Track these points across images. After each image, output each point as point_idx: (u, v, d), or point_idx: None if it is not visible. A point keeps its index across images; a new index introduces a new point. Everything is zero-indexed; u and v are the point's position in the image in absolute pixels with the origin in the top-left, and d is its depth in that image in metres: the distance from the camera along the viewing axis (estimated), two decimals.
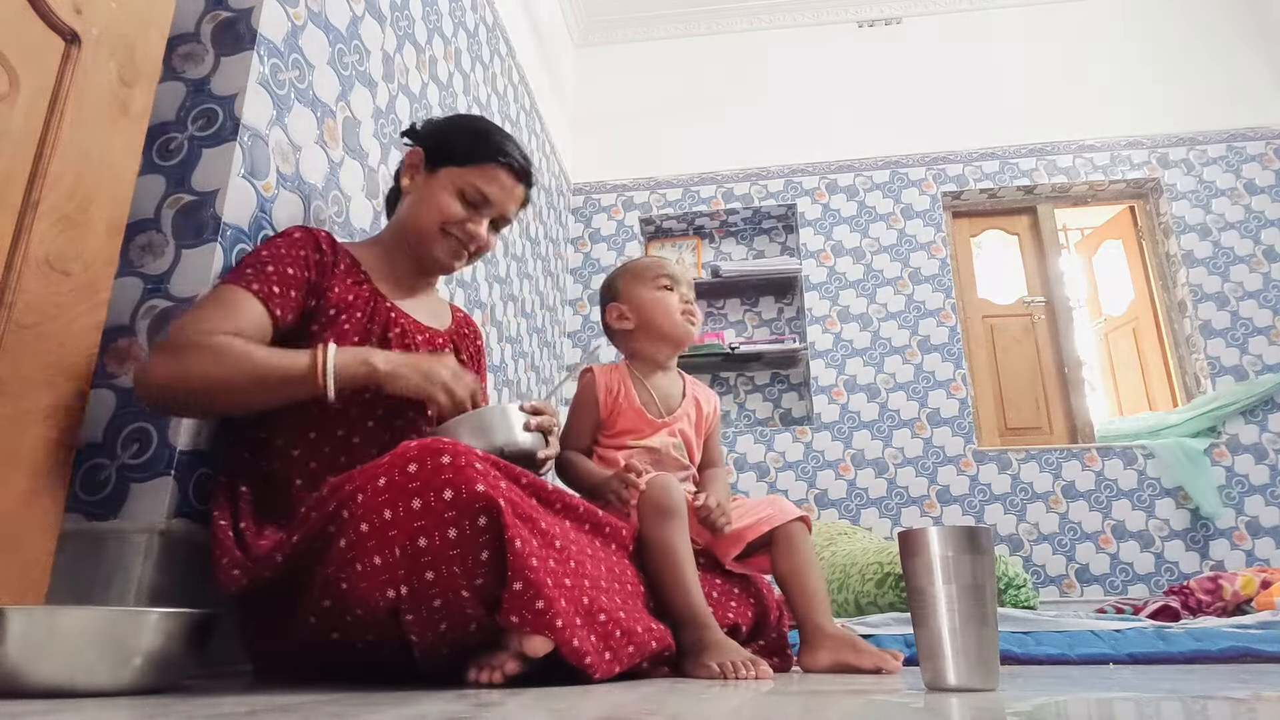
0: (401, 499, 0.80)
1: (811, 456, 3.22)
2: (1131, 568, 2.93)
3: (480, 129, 1.25)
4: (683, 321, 1.44)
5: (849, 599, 2.09)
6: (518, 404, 1.10)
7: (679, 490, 1.19)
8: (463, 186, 1.19)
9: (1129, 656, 1.37)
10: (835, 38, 3.86)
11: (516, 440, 1.07)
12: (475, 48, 2.40)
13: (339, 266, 1.16)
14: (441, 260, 1.24)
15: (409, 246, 1.25)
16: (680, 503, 1.17)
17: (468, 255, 1.25)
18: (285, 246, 1.11)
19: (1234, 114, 3.44)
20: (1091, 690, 0.84)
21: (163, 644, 0.72)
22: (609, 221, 3.66)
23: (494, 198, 1.20)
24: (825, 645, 1.16)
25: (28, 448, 0.90)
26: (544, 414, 1.11)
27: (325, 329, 1.11)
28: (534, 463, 1.09)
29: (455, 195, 1.20)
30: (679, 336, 1.45)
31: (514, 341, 2.67)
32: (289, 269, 1.09)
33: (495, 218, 1.24)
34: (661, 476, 1.21)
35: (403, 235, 1.25)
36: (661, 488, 1.17)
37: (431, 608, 0.81)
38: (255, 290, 1.04)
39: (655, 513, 1.14)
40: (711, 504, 1.27)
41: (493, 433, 1.05)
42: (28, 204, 0.91)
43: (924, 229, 3.47)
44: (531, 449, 1.08)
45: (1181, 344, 3.34)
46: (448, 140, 1.23)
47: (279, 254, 1.09)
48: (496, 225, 1.26)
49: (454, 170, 1.20)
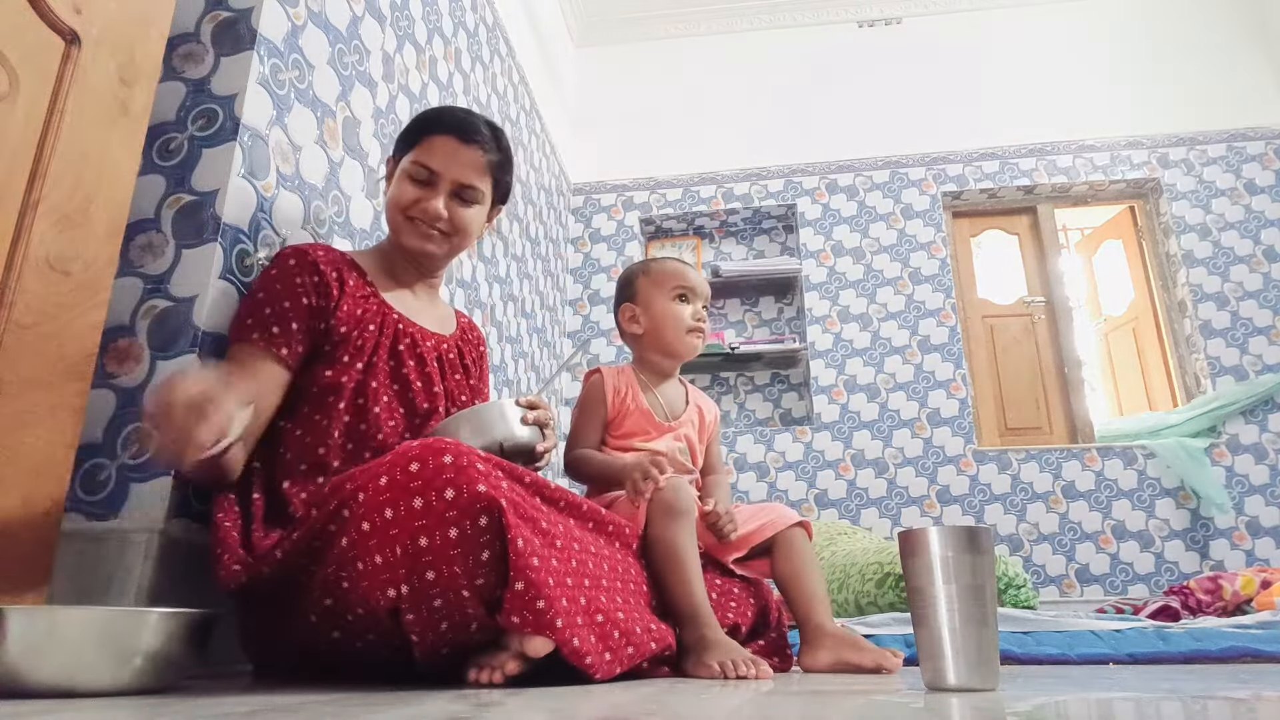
0: (403, 498, 0.80)
1: (811, 456, 3.22)
2: (1131, 568, 2.93)
3: (422, 114, 1.25)
4: (690, 340, 1.44)
5: (849, 599, 2.09)
6: (513, 399, 1.11)
7: (689, 492, 1.20)
8: (408, 169, 1.19)
9: (1129, 656, 1.37)
10: (835, 38, 3.86)
11: (515, 435, 1.08)
12: (475, 48, 2.40)
13: (346, 282, 1.14)
14: (414, 246, 1.21)
15: (399, 254, 1.26)
16: (690, 504, 1.18)
17: (439, 235, 1.21)
18: (280, 280, 1.09)
19: (1234, 114, 3.44)
20: (1091, 690, 0.84)
21: (163, 644, 0.72)
22: (609, 221, 3.66)
23: (437, 166, 1.18)
24: (826, 645, 1.16)
25: (28, 448, 0.90)
26: (539, 408, 1.12)
27: (338, 348, 1.11)
28: (533, 456, 1.11)
29: (405, 180, 1.20)
30: (682, 353, 1.45)
31: (514, 341, 2.67)
32: (286, 303, 1.08)
33: (454, 189, 1.19)
34: (675, 478, 1.22)
35: (393, 240, 1.26)
36: (673, 490, 1.18)
37: (432, 607, 0.81)
38: (258, 342, 1.05)
39: (665, 513, 1.15)
40: (720, 510, 1.29)
41: (491, 429, 1.06)
42: (28, 204, 0.91)
43: (924, 229, 3.47)
44: (530, 443, 1.10)
45: (1181, 344, 3.34)
46: (400, 135, 1.24)
47: (275, 291, 1.08)
48: (464, 198, 1.21)
49: (402, 159, 1.21)
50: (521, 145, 2.88)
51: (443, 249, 1.23)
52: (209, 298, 1.13)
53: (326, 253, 1.15)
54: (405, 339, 1.19)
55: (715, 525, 1.28)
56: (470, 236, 1.25)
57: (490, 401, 1.15)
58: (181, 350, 1.10)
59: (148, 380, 1.10)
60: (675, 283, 1.46)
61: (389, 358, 1.16)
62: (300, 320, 1.08)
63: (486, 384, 1.40)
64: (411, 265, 1.27)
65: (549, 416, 1.14)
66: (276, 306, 1.07)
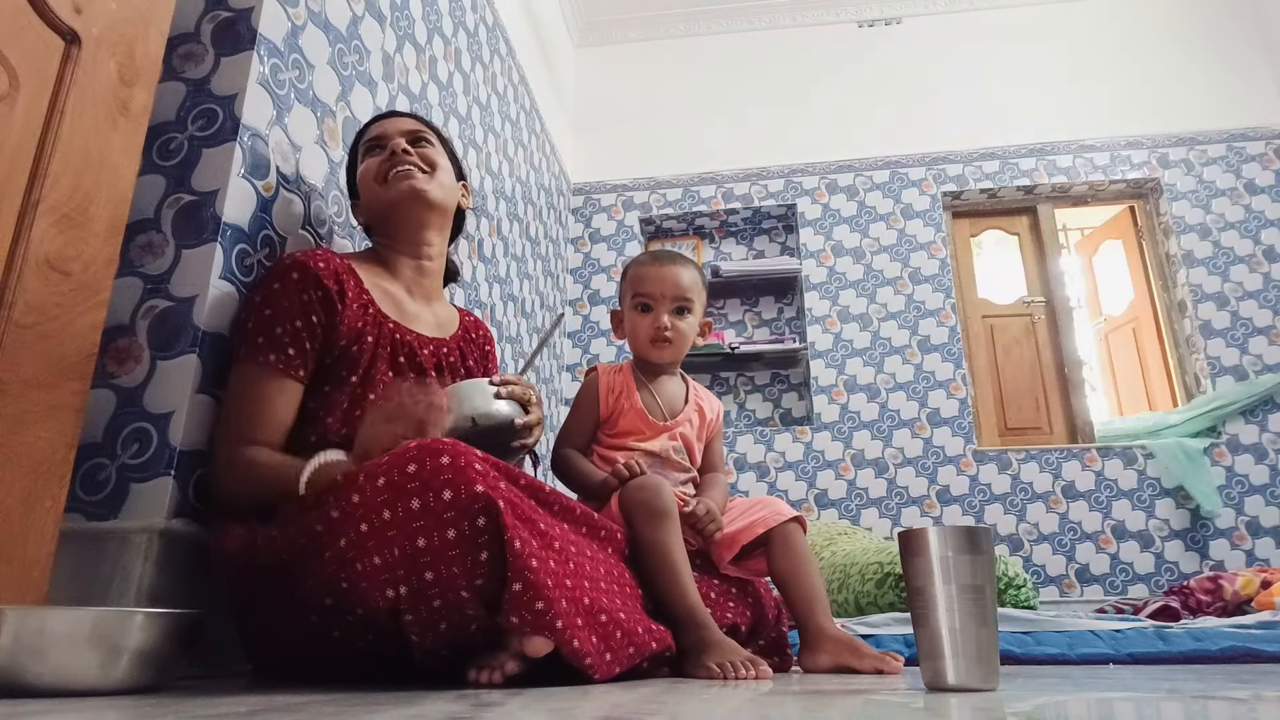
0: (400, 499, 0.80)
1: (811, 456, 3.22)
2: (1131, 568, 2.93)
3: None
4: (653, 350, 1.41)
5: (849, 599, 2.09)
6: (488, 379, 1.12)
7: (669, 491, 1.19)
8: (364, 154, 1.30)
9: (1129, 656, 1.37)
10: (835, 38, 3.86)
11: (488, 410, 1.08)
12: (475, 48, 2.40)
13: (346, 292, 1.14)
14: (391, 195, 1.24)
15: (386, 235, 1.28)
16: (671, 503, 1.16)
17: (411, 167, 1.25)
18: (286, 296, 1.09)
19: (1234, 114, 3.44)
20: (1091, 690, 0.84)
21: (152, 644, 0.73)
22: (609, 221, 3.66)
23: (379, 132, 1.29)
24: (825, 648, 1.15)
25: (28, 448, 0.90)
26: (514, 384, 1.12)
27: (339, 361, 1.12)
28: (513, 431, 1.10)
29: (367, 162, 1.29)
30: (649, 360, 1.43)
31: (514, 341, 2.67)
32: (298, 323, 1.08)
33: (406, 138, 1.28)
34: (650, 478, 1.21)
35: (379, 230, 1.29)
36: (652, 489, 1.17)
37: (431, 608, 0.81)
38: (273, 364, 1.06)
39: (646, 514, 1.14)
40: (700, 511, 1.25)
41: (459, 405, 1.06)
42: (28, 204, 0.91)
43: (924, 229, 3.47)
44: (507, 417, 1.09)
45: (1181, 344, 3.34)
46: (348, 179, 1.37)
47: (283, 309, 1.08)
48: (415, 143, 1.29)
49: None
50: (521, 145, 2.88)
51: (430, 185, 1.25)
52: (209, 298, 1.13)
53: (327, 262, 1.13)
54: (403, 349, 1.19)
55: (696, 526, 1.25)
56: (446, 174, 1.29)
57: (460, 382, 1.14)
58: (181, 350, 1.10)
59: (148, 380, 1.10)
60: (634, 290, 1.43)
61: (388, 369, 1.16)
62: (312, 341, 1.09)
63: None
64: (409, 257, 1.27)
65: (527, 392, 1.13)
66: (289, 326, 1.08)
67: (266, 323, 1.08)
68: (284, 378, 1.07)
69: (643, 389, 1.42)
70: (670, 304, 1.41)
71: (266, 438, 1.05)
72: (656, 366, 1.45)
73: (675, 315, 1.41)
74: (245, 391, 1.06)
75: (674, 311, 1.41)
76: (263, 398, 1.06)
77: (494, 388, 1.10)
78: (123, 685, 0.71)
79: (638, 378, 1.43)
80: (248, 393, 1.06)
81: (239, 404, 1.06)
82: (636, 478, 1.21)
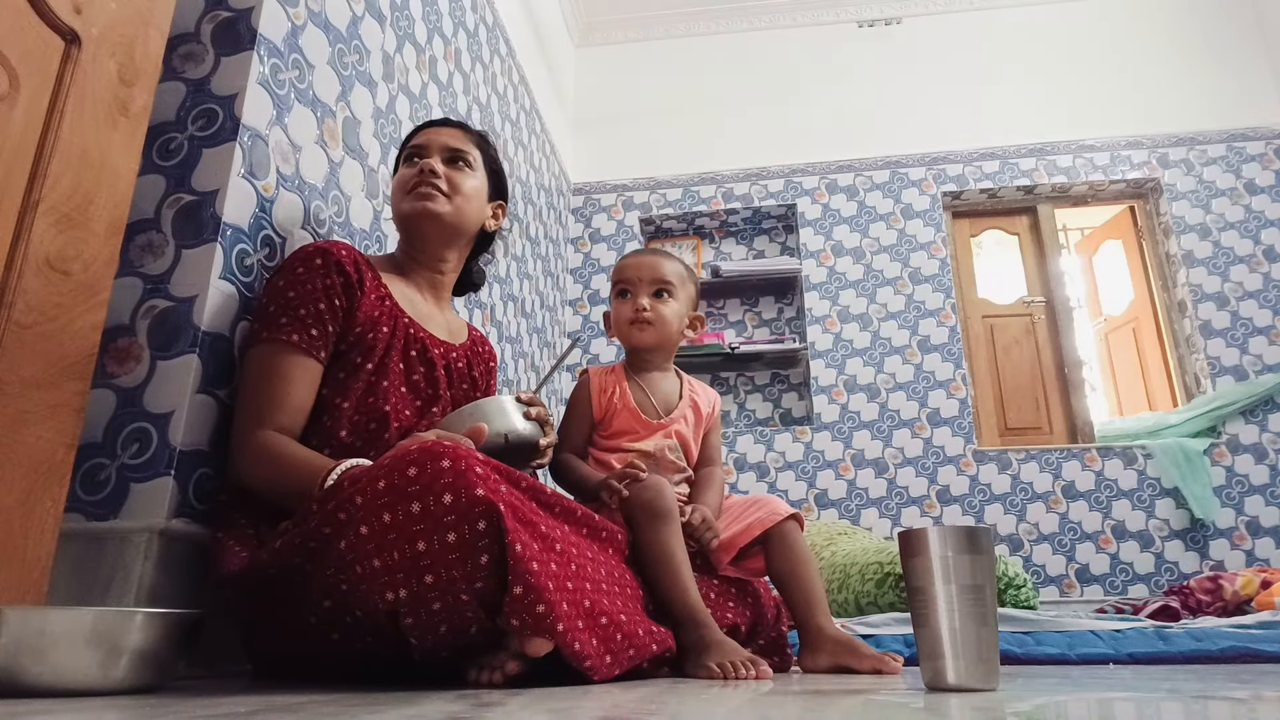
0: (401, 502, 0.79)
1: (811, 456, 3.22)
2: (1131, 568, 2.93)
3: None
4: (631, 332, 1.41)
5: (849, 599, 2.09)
6: (511, 395, 1.14)
7: (670, 492, 1.19)
8: (403, 160, 1.31)
9: (1129, 656, 1.37)
10: (835, 38, 3.86)
11: (518, 429, 1.10)
12: (475, 48, 2.40)
13: (365, 281, 1.17)
14: (406, 210, 1.25)
15: (407, 245, 1.30)
16: (672, 505, 1.17)
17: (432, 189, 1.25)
18: (309, 280, 1.11)
19: (1234, 114, 3.44)
20: (1091, 690, 0.84)
21: (151, 644, 0.73)
22: (609, 221, 3.66)
23: (423, 141, 1.29)
24: (825, 648, 1.15)
25: (28, 448, 0.90)
26: (538, 405, 1.15)
27: (354, 348, 1.14)
28: (536, 451, 1.13)
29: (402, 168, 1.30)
30: (634, 347, 1.43)
31: (514, 341, 2.67)
32: (321, 305, 1.10)
33: (442, 155, 1.28)
34: (653, 479, 1.21)
35: (402, 236, 1.30)
36: (654, 489, 1.17)
37: (431, 610, 0.80)
38: (296, 343, 1.07)
39: (649, 515, 1.15)
40: (696, 521, 1.25)
41: (494, 422, 1.08)
42: (28, 204, 0.91)
43: (924, 229, 3.47)
44: (533, 437, 1.12)
45: (1181, 344, 3.34)
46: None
47: (305, 291, 1.10)
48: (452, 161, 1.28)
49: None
50: (521, 145, 2.88)
51: (445, 209, 1.25)
52: (209, 298, 1.13)
53: (349, 251, 1.17)
54: (416, 344, 1.22)
55: (693, 536, 1.24)
56: (469, 200, 1.28)
57: (490, 397, 1.16)
58: (181, 350, 1.10)
59: (148, 380, 1.10)
60: (615, 279, 1.47)
61: (400, 360, 1.19)
62: (334, 323, 1.11)
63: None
64: (426, 269, 1.30)
65: (548, 413, 1.17)
66: (312, 308, 1.09)
67: (290, 303, 1.09)
68: (306, 356, 1.08)
69: (635, 387, 1.41)
70: (648, 287, 1.42)
71: (287, 421, 1.05)
72: (648, 363, 1.44)
73: (654, 298, 1.42)
74: (266, 371, 1.07)
75: (653, 295, 1.42)
76: (284, 376, 1.06)
77: (523, 406, 1.13)
78: (123, 685, 0.71)
79: (629, 376, 1.43)
80: (268, 372, 1.07)
81: (258, 385, 1.07)
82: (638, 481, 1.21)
